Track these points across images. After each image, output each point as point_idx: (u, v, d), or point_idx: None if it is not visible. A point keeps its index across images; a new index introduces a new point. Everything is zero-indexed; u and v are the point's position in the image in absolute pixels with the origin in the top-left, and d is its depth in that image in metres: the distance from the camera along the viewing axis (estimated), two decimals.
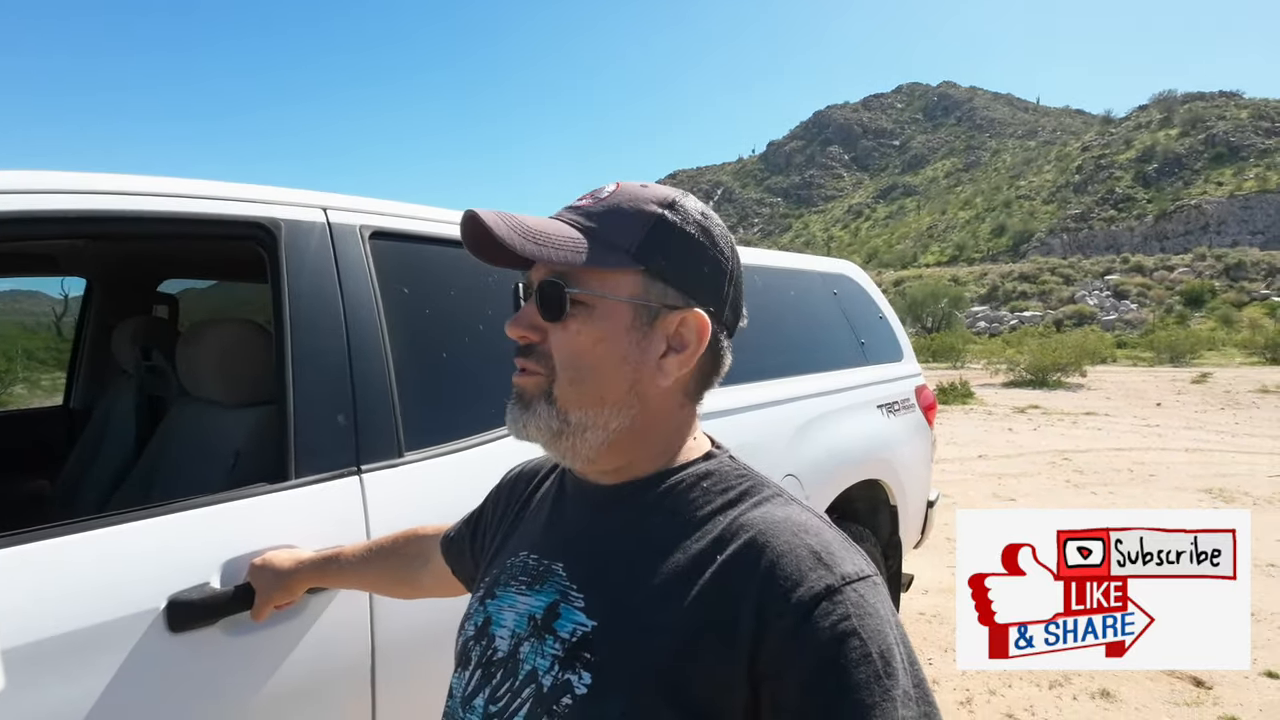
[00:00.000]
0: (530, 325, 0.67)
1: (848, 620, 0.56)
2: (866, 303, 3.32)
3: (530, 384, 0.68)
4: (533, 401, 0.68)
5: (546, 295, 0.66)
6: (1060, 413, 12.17)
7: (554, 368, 0.67)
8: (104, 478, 1.95)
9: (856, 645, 0.55)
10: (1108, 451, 8.47)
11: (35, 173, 1.10)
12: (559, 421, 0.67)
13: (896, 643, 0.57)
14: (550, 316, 0.66)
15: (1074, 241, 77.28)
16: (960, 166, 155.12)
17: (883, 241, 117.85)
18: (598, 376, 0.67)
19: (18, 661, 0.92)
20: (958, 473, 7.39)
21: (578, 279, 0.66)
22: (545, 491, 0.82)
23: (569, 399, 0.67)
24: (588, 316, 0.66)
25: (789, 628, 0.56)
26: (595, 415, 0.67)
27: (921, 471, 3.19)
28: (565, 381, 0.66)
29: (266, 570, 1.10)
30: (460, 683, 0.73)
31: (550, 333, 0.67)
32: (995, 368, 19.72)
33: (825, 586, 0.57)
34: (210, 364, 1.54)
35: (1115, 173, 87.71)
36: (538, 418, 0.67)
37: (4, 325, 16.94)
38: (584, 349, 0.66)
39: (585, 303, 0.66)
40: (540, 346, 0.68)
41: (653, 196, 0.69)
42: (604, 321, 0.66)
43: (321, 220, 1.42)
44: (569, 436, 0.67)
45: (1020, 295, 52.25)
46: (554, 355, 0.67)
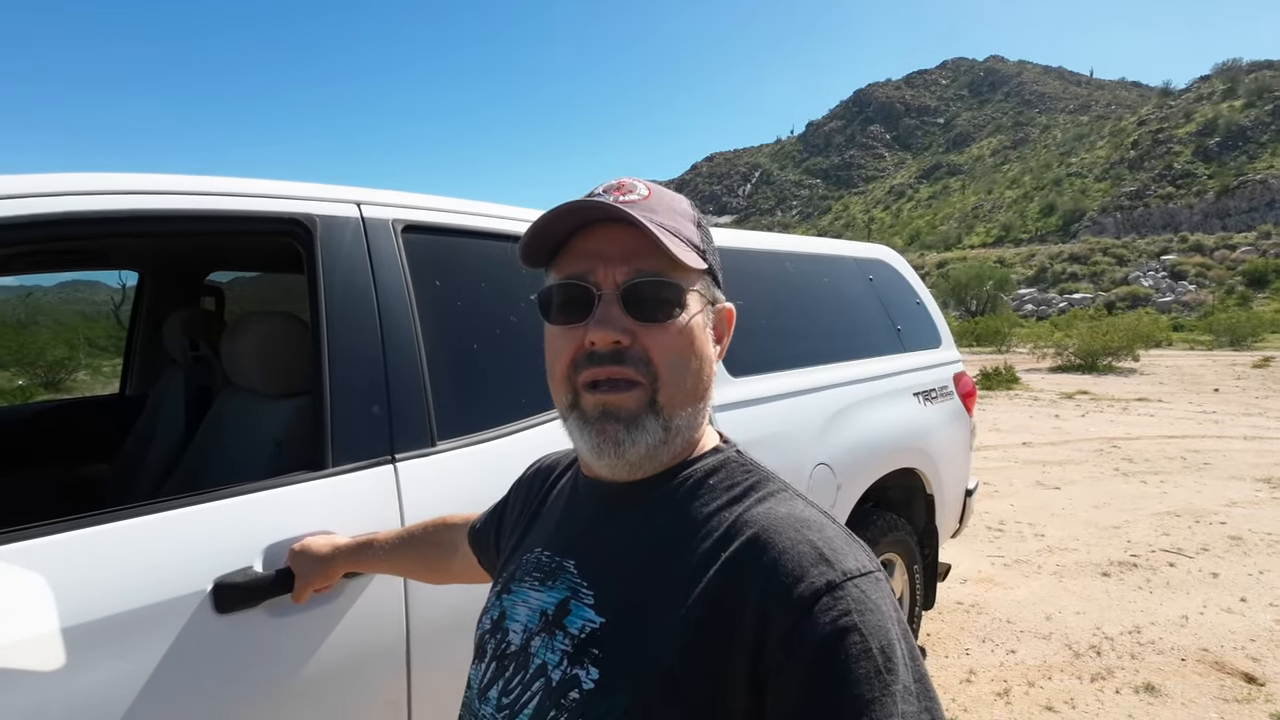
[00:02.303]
0: (622, 328, 0.64)
1: (848, 616, 0.55)
2: (903, 288, 3.26)
3: (630, 399, 0.64)
4: (639, 416, 0.65)
5: (649, 294, 0.65)
6: (1110, 398, 11.79)
7: (656, 372, 0.65)
8: (157, 464, 2.04)
9: (856, 640, 0.54)
10: (1160, 439, 8.19)
11: (83, 175, 1.15)
12: (663, 431, 0.66)
13: (898, 638, 0.57)
14: (650, 317, 0.65)
15: (1128, 220, 74.27)
16: (1008, 144, 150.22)
17: (925, 223, 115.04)
18: (699, 374, 0.68)
19: (76, 640, 0.98)
20: (1000, 460, 7.23)
21: (675, 276, 0.66)
22: (561, 488, 0.84)
23: (674, 402, 0.66)
24: (686, 314, 0.66)
25: (790, 624, 0.56)
26: (691, 415, 0.68)
27: (960, 460, 3.13)
28: (672, 384, 0.65)
29: (305, 555, 1.15)
30: (477, 674, 0.75)
31: (643, 334, 0.64)
32: (1042, 352, 19.17)
33: (826, 582, 0.57)
34: (252, 355, 1.60)
35: (1174, 147, 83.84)
36: (648, 434, 0.65)
37: (66, 314, 17.68)
38: (686, 347, 0.66)
39: (682, 302, 0.66)
40: (631, 351, 0.65)
41: (676, 195, 0.71)
42: (696, 318, 0.68)
43: (355, 215, 1.45)
44: (667, 445, 0.67)
45: (1070, 277, 50.60)
46: (655, 357, 0.65)
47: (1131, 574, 4.11)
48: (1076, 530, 4.93)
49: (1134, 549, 4.52)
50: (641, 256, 0.65)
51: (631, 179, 0.70)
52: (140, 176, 1.21)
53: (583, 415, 0.66)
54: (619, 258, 0.65)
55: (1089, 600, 3.75)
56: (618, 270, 0.65)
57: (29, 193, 1.08)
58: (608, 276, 0.65)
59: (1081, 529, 4.95)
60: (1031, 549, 4.57)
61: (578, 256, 0.67)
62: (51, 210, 1.09)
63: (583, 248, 0.67)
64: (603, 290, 0.65)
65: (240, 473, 1.47)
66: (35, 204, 1.08)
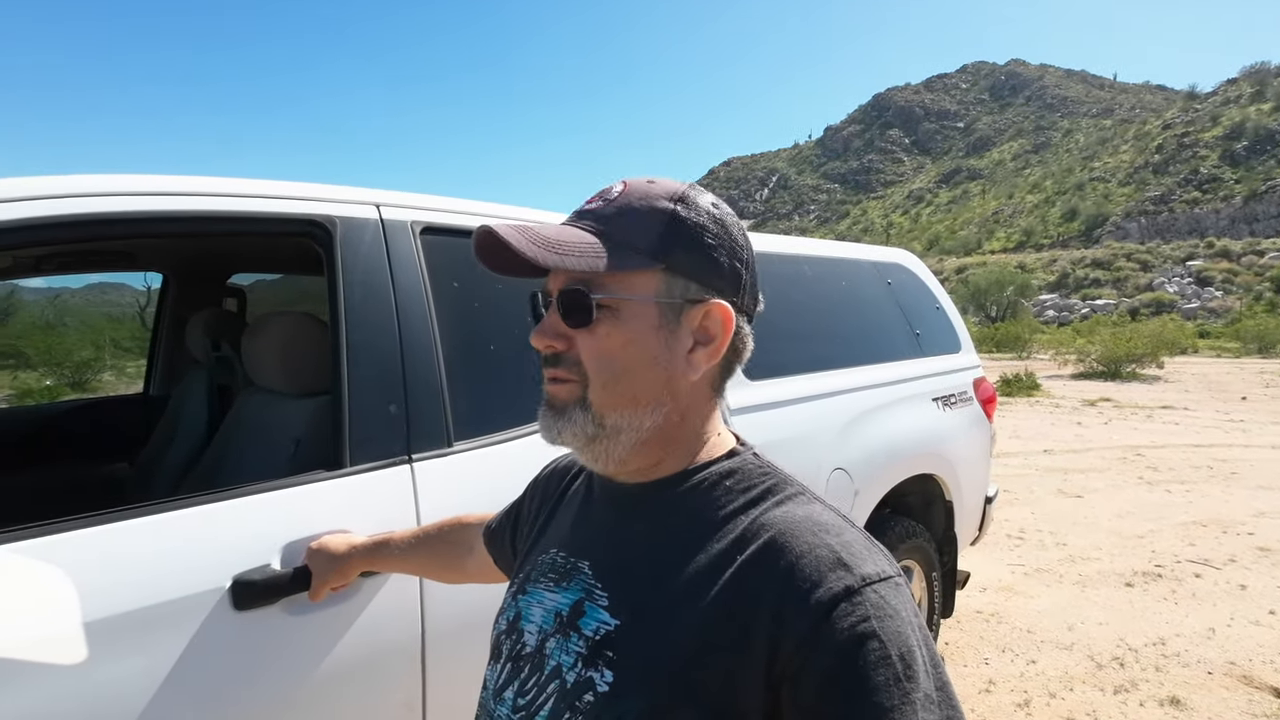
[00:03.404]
0: (556, 334, 0.67)
1: (867, 622, 0.55)
2: (922, 292, 3.23)
3: (563, 391, 0.68)
4: (567, 408, 0.67)
5: (570, 303, 0.66)
6: (1134, 406, 11.60)
7: (585, 374, 0.66)
8: (178, 462, 2.07)
9: (876, 647, 0.54)
10: (1185, 447, 8.04)
11: (104, 177, 1.17)
12: (594, 426, 0.67)
13: (919, 645, 0.56)
14: (576, 323, 0.66)
15: (1152, 225, 73.14)
16: (1029, 148, 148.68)
17: (945, 227, 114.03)
18: (630, 378, 0.67)
19: (98, 635, 0.99)
20: (1021, 468, 7.14)
21: (600, 283, 0.66)
22: (576, 489, 0.83)
23: (604, 403, 0.67)
24: (614, 319, 0.66)
25: (807, 629, 0.55)
26: (630, 417, 0.67)
27: (979, 466, 3.09)
28: (599, 386, 0.66)
29: (322, 554, 1.15)
30: (493, 675, 0.75)
31: (577, 339, 0.67)
32: (1064, 358, 18.91)
33: (845, 587, 0.56)
34: (272, 355, 1.62)
35: (1200, 151, 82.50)
36: (573, 424, 0.67)
37: (92, 316, 17.99)
38: (614, 352, 0.66)
39: (610, 306, 0.66)
40: (568, 354, 0.67)
41: (663, 192, 0.68)
42: (631, 323, 0.66)
43: (374, 217, 1.47)
44: (603, 440, 0.67)
45: (1092, 282, 49.91)
46: (584, 361, 0.67)
47: (1156, 584, 4.03)
48: (1099, 539, 4.84)
49: (1159, 559, 4.43)
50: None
51: (621, 181, 0.71)
52: (161, 178, 1.22)
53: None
54: (560, 268, 0.67)
55: (1112, 610, 3.68)
56: (559, 279, 0.67)
57: (49, 194, 1.10)
58: (554, 285, 0.68)
59: (1104, 538, 4.87)
60: (1053, 558, 4.50)
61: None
62: (74, 212, 1.11)
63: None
64: (550, 298, 0.69)
65: (259, 471, 1.49)
66: (56, 205, 1.10)
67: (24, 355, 15.20)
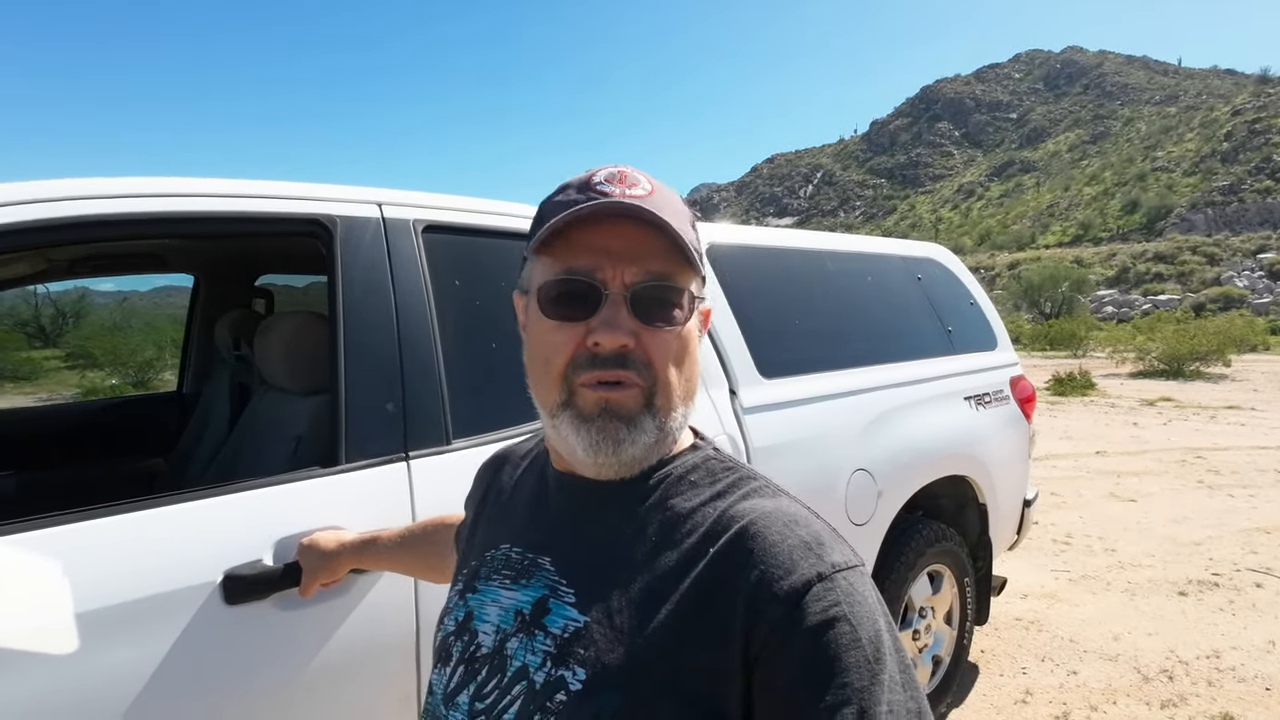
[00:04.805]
0: (629, 331, 0.63)
1: (838, 606, 0.56)
2: (955, 288, 3.12)
3: (629, 397, 0.64)
4: (636, 415, 0.64)
5: (659, 297, 0.64)
6: (1196, 406, 11.05)
7: (653, 375, 0.64)
8: (204, 458, 2.13)
9: (846, 630, 0.55)
10: (1251, 450, 7.61)
11: (99, 180, 1.20)
12: (659, 431, 0.65)
13: (885, 629, 0.58)
14: (660, 320, 0.64)
15: (1220, 217, 69.66)
16: (1086, 138, 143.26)
17: (997, 222, 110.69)
18: (690, 377, 0.68)
19: (90, 626, 1.01)
20: (1070, 470, 6.86)
21: (679, 278, 0.66)
22: (522, 480, 0.81)
23: (669, 403, 0.65)
24: (685, 316, 0.66)
25: (780, 614, 0.56)
26: (683, 416, 0.68)
27: (1016, 468, 2.98)
28: (668, 387, 0.65)
29: (313, 550, 1.16)
30: (441, 680, 0.72)
31: (646, 337, 0.64)
32: (1122, 356, 18.13)
33: (816, 574, 0.57)
34: (278, 353, 1.64)
35: (1273, 138, 78.19)
36: (644, 433, 0.64)
37: (156, 318, 18.79)
38: (683, 350, 0.66)
39: (685, 306, 0.66)
40: (634, 354, 0.64)
41: (673, 191, 0.69)
42: (691, 320, 0.67)
43: (376, 215, 1.48)
44: (661, 444, 0.67)
45: (1155, 277, 47.82)
46: (655, 361, 0.64)
47: (1212, 594, 3.82)
48: (1152, 546, 4.62)
49: (1216, 567, 4.20)
50: (651, 257, 0.63)
51: (633, 170, 0.67)
52: (159, 180, 1.25)
53: (579, 413, 0.64)
54: (628, 257, 0.63)
55: (1163, 621, 3.50)
56: (627, 270, 0.63)
57: (41, 198, 1.13)
58: (616, 276, 0.63)
59: (1158, 544, 4.64)
60: (1100, 564, 4.31)
61: (582, 250, 0.64)
62: (72, 214, 1.14)
63: (589, 242, 0.64)
64: (610, 290, 0.63)
65: (264, 468, 1.51)
66: (50, 209, 1.13)
67: (92, 355, 16.01)
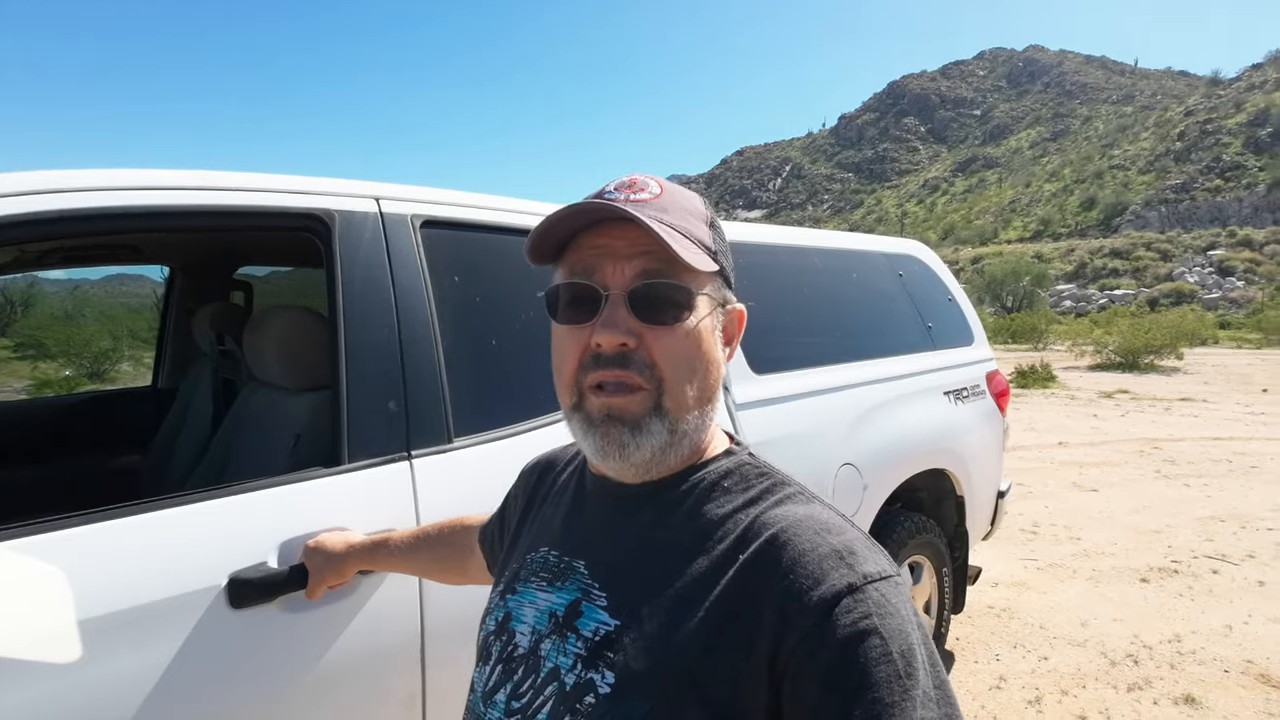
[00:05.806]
0: (628, 330, 0.63)
1: (869, 619, 0.55)
2: (935, 284, 3.18)
3: (634, 401, 0.63)
4: (643, 420, 0.63)
5: (659, 295, 0.63)
6: (1152, 398, 11.44)
7: (661, 376, 0.63)
8: (186, 456, 2.08)
9: (877, 644, 0.54)
10: (1204, 440, 7.91)
11: (101, 171, 1.16)
12: (669, 434, 0.65)
13: (918, 643, 0.56)
14: (661, 319, 0.64)
15: (1173, 214, 71.91)
16: (1047, 136, 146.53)
17: (960, 217, 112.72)
18: (705, 378, 0.66)
19: (92, 632, 0.98)
20: (1035, 461, 7.06)
21: (682, 277, 0.64)
22: (564, 484, 0.82)
23: (680, 406, 0.64)
24: (692, 317, 0.65)
25: (809, 626, 0.55)
26: (698, 418, 0.67)
27: (991, 461, 3.05)
28: (678, 388, 0.64)
29: (319, 552, 1.15)
30: (481, 677, 0.73)
31: (649, 337, 0.63)
32: (1081, 350, 18.67)
33: (846, 585, 0.56)
34: (273, 350, 1.61)
35: (1223, 139, 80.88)
36: (651, 436, 0.64)
37: (111, 307, 18.20)
38: (693, 350, 0.65)
39: (690, 305, 0.65)
40: (636, 354, 0.63)
41: (689, 193, 0.70)
42: (704, 320, 0.66)
43: (374, 210, 1.45)
44: (672, 448, 0.66)
45: (1111, 272, 49.28)
46: (659, 362, 0.63)
47: (1172, 580, 3.97)
48: (1115, 534, 4.78)
49: (1175, 554, 4.37)
50: (651, 257, 0.63)
51: (645, 176, 0.68)
52: (159, 172, 1.21)
53: (588, 417, 0.65)
54: (627, 257, 0.64)
55: (1127, 607, 3.63)
56: (626, 270, 0.64)
57: (44, 189, 1.09)
58: (615, 276, 0.64)
59: (1120, 533, 4.80)
60: (1067, 553, 4.44)
61: (586, 254, 0.66)
62: (73, 206, 1.10)
63: (591, 245, 0.66)
64: (610, 290, 0.64)
65: (259, 467, 1.48)
66: (49, 200, 1.09)
67: (44, 346, 15.42)
